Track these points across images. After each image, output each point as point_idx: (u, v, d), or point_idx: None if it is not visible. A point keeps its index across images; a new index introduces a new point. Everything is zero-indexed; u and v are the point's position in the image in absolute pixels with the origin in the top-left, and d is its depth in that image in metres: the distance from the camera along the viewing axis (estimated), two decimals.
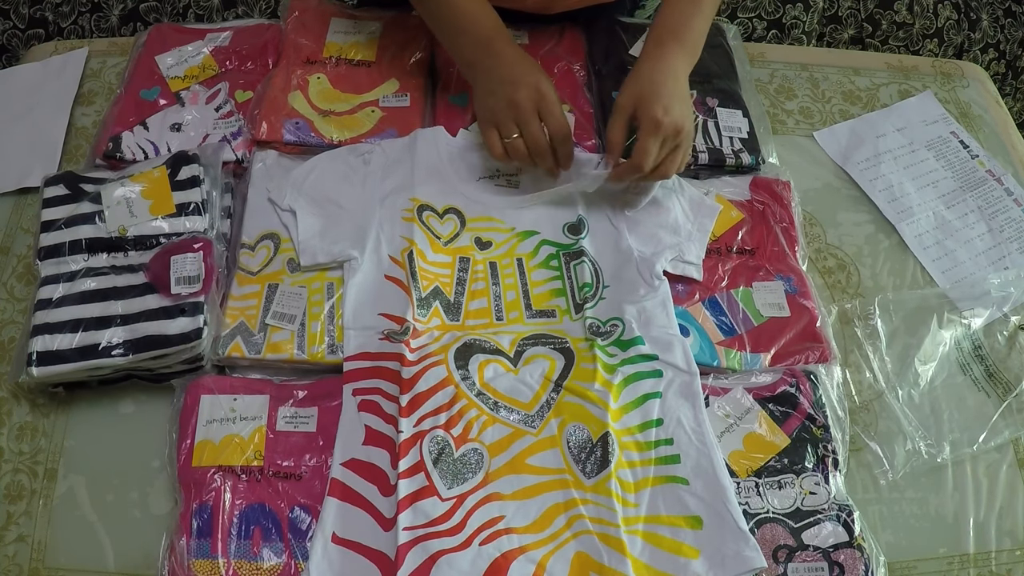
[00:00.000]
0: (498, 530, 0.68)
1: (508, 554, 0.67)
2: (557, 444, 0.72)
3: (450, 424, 0.73)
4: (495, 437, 0.73)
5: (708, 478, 0.71)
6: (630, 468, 0.72)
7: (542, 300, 0.82)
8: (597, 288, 0.82)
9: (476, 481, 0.70)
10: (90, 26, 1.95)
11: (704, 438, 0.73)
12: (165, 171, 0.84)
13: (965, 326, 0.85)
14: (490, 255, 0.85)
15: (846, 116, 1.05)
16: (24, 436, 0.75)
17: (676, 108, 0.80)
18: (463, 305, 0.81)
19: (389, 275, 0.82)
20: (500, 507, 0.69)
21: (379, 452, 0.72)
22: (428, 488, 0.69)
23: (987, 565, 0.74)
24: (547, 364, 0.77)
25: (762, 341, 0.81)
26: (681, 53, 0.84)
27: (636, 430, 0.73)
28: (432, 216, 0.86)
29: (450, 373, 0.75)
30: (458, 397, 0.74)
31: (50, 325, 0.75)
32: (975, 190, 0.98)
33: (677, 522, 0.69)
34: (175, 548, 0.67)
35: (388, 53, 1.00)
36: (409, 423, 0.72)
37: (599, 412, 0.73)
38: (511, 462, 0.71)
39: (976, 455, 0.79)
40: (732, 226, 0.89)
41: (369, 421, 0.73)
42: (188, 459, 0.71)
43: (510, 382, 0.75)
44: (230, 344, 0.77)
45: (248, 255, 0.83)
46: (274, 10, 1.99)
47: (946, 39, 2.07)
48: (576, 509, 0.69)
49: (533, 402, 0.75)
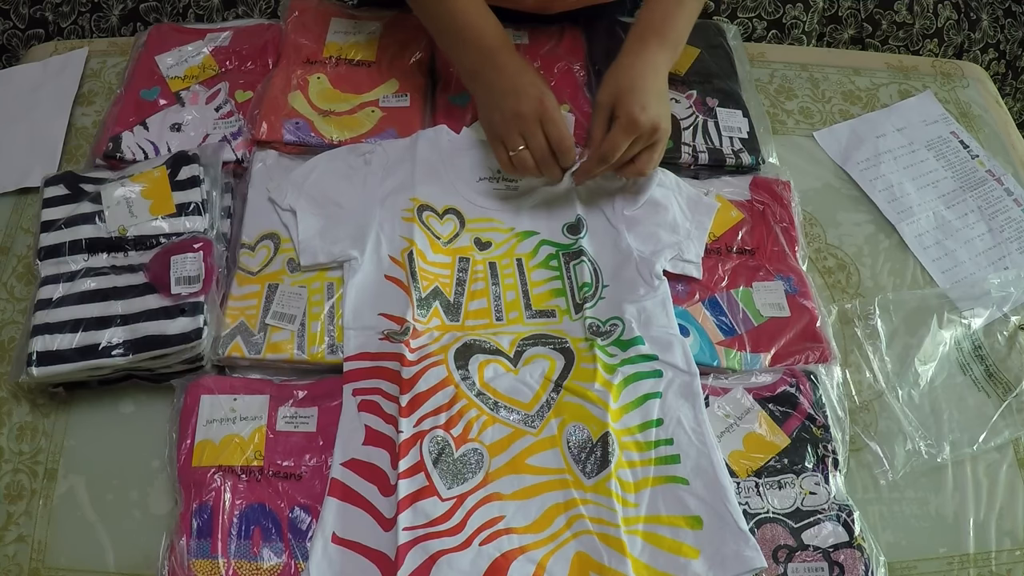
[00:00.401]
0: (498, 530, 0.68)
1: (508, 554, 0.67)
2: (557, 444, 0.72)
3: (450, 424, 0.73)
4: (495, 437, 0.73)
5: (708, 478, 0.71)
6: (630, 468, 0.72)
7: (542, 300, 0.82)
8: (596, 288, 0.82)
9: (476, 481, 0.70)
10: (90, 26, 1.95)
11: (704, 438, 0.73)
12: (165, 171, 0.84)
13: (965, 326, 0.85)
14: (490, 255, 0.85)
15: (846, 116, 1.05)
16: (24, 436, 0.75)
17: (653, 106, 0.81)
18: (463, 305, 0.82)
19: (389, 275, 0.82)
20: (500, 507, 0.69)
21: (379, 452, 0.72)
22: (428, 488, 0.69)
23: (987, 565, 0.74)
24: (547, 364, 0.77)
25: (762, 341, 0.81)
26: (661, 50, 0.85)
27: (636, 430, 0.73)
28: (432, 216, 0.86)
29: (450, 373, 0.75)
30: (458, 397, 0.74)
31: (50, 325, 0.75)
32: (975, 190, 0.98)
33: (677, 522, 0.69)
34: (175, 548, 0.67)
35: (388, 53, 1.00)
36: (409, 423, 0.72)
37: (599, 412, 0.73)
38: (511, 462, 0.71)
39: (976, 455, 0.79)
40: (732, 226, 0.89)
41: (369, 421, 0.73)
42: (188, 459, 0.71)
43: (510, 382, 0.76)
44: (230, 344, 0.77)
45: (248, 255, 0.83)
46: (274, 10, 1.99)
47: (946, 39, 2.07)
48: (576, 509, 0.69)
49: (533, 402, 0.75)
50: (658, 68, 0.84)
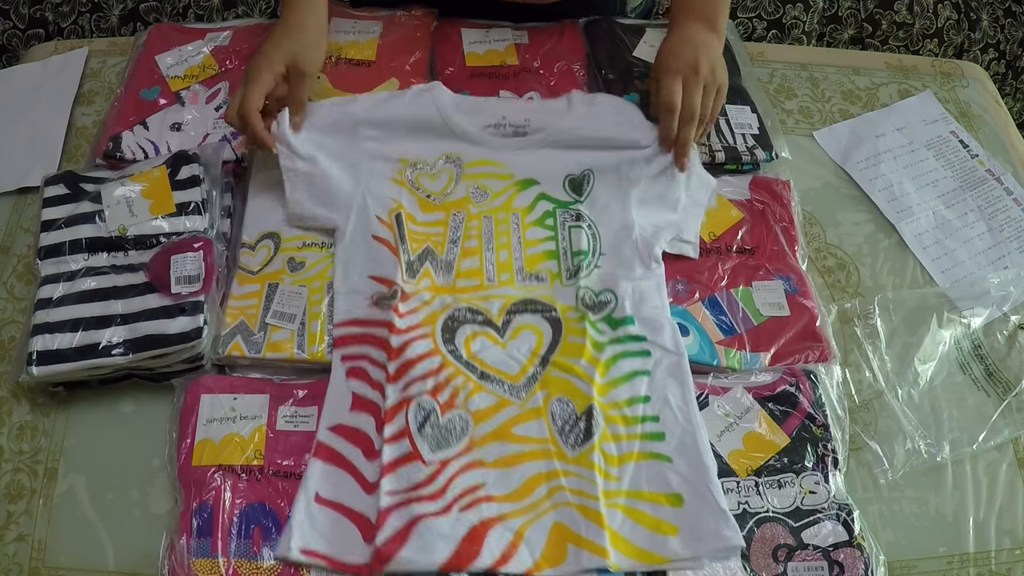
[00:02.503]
0: (478, 497, 0.69)
1: (487, 521, 0.68)
2: (542, 415, 0.74)
3: (437, 390, 0.74)
4: (480, 405, 0.74)
5: (691, 457, 0.71)
6: (615, 441, 0.73)
7: (535, 262, 0.82)
8: (592, 256, 0.82)
9: (460, 447, 0.71)
10: (90, 26, 1.95)
11: (690, 418, 0.74)
12: (165, 170, 0.84)
13: (965, 325, 0.85)
14: (485, 207, 0.85)
15: (846, 116, 1.05)
16: (24, 435, 0.75)
17: (719, 70, 0.89)
18: (455, 264, 0.82)
19: (377, 235, 0.82)
20: (482, 474, 0.70)
21: (366, 417, 0.73)
22: (412, 453, 0.70)
23: (987, 564, 0.74)
24: (534, 338, 0.78)
25: (762, 340, 0.81)
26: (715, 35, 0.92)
27: (624, 404, 0.74)
28: (423, 172, 0.86)
29: (436, 345, 0.76)
30: (445, 366, 0.75)
31: (50, 324, 0.75)
32: (975, 189, 0.98)
33: (658, 499, 0.70)
34: (175, 547, 0.67)
35: (388, 53, 1.00)
36: (396, 389, 0.73)
37: (585, 386, 0.74)
38: (496, 430, 0.73)
39: (976, 454, 0.79)
40: (732, 225, 0.89)
41: (356, 388, 0.75)
42: (188, 458, 0.71)
43: (497, 355, 0.76)
44: (230, 343, 0.77)
45: (248, 254, 0.83)
46: (274, 10, 1.99)
47: (946, 39, 2.07)
48: (557, 480, 0.70)
49: (520, 374, 0.76)
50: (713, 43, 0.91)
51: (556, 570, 0.67)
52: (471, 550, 0.66)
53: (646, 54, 1.00)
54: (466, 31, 1.03)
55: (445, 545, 0.66)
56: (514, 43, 1.02)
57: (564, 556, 0.67)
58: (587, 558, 0.67)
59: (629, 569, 0.67)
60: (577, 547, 0.67)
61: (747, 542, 0.70)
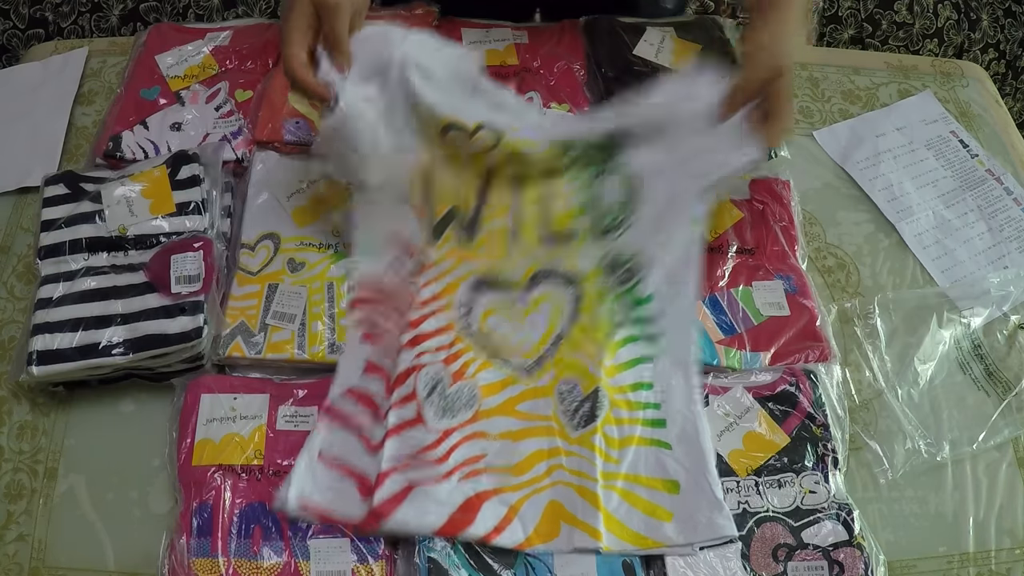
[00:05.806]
0: (478, 468, 0.70)
1: (482, 494, 0.69)
2: (549, 394, 0.74)
3: (448, 361, 0.74)
4: (489, 380, 0.75)
5: (691, 445, 0.72)
6: (617, 425, 0.73)
7: (564, 220, 0.81)
8: (626, 213, 0.80)
9: (465, 417, 0.72)
10: (90, 26, 1.96)
11: (692, 406, 0.74)
12: (165, 170, 0.84)
13: (965, 325, 0.85)
14: (521, 169, 0.81)
15: (846, 115, 1.05)
16: (24, 435, 0.75)
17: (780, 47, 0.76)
18: (479, 223, 0.81)
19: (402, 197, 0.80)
20: (484, 445, 0.71)
21: (376, 381, 0.74)
22: (417, 419, 0.71)
23: (987, 564, 0.74)
24: (551, 315, 0.78)
25: (762, 340, 0.81)
26: None
27: (628, 389, 0.75)
28: (460, 134, 0.79)
29: (452, 322, 0.77)
30: (458, 340, 0.76)
31: (50, 324, 0.75)
32: (975, 189, 0.98)
33: (655, 485, 0.71)
34: (175, 547, 0.67)
35: None
36: (409, 355, 0.74)
37: (593, 368, 0.75)
38: (502, 405, 0.73)
39: (976, 454, 0.79)
40: (732, 225, 0.89)
41: (371, 353, 0.76)
42: (188, 458, 0.71)
43: (512, 332, 0.77)
44: (230, 344, 0.77)
45: (248, 255, 0.83)
46: (274, 10, 1.99)
47: (946, 39, 2.07)
48: (558, 459, 0.71)
49: (531, 353, 0.76)
50: None
51: (547, 546, 0.68)
52: (465, 518, 0.67)
53: (646, 53, 1.00)
54: (466, 31, 1.03)
55: (440, 510, 0.67)
56: (514, 43, 1.02)
57: (557, 533, 0.68)
58: (580, 537, 0.67)
59: (620, 552, 0.68)
60: (571, 526, 0.68)
61: (747, 542, 0.70)
